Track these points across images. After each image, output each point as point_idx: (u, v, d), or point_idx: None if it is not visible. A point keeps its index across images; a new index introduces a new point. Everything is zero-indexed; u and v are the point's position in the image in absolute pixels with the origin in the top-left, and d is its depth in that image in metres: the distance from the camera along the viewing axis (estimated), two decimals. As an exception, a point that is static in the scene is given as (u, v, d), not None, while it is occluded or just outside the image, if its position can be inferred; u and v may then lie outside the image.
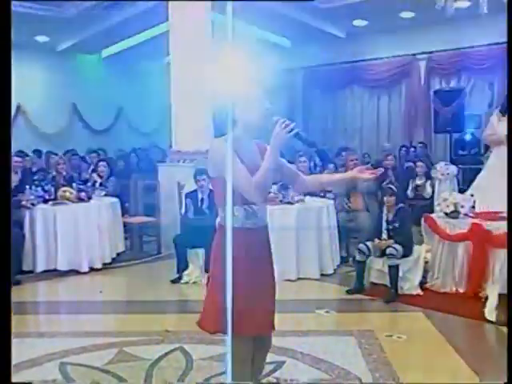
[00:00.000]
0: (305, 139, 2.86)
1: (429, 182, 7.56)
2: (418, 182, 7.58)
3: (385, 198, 5.93)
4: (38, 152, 11.71)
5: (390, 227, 5.84)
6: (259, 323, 2.86)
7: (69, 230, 6.65)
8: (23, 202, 6.64)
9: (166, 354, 4.23)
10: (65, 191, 6.98)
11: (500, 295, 4.91)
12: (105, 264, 6.96)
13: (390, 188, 6.10)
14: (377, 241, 5.83)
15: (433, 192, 7.49)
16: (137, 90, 14.10)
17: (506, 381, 2.87)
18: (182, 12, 7.88)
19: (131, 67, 14.23)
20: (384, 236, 5.86)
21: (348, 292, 5.83)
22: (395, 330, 4.80)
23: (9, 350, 2.48)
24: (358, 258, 5.90)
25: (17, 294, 5.92)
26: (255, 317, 2.83)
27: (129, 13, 10.46)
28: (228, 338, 2.58)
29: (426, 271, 5.90)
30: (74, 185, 7.50)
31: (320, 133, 12.64)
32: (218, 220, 2.94)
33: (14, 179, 7.34)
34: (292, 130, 2.72)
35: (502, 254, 5.33)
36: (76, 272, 6.67)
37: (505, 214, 5.58)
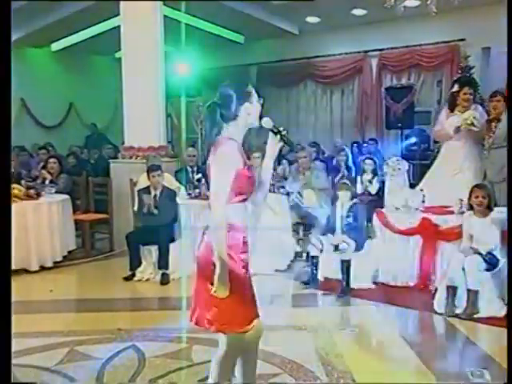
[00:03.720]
0: (290, 142, 2.95)
1: (376, 179, 7.69)
2: (366, 177, 7.70)
3: (339, 193, 5.99)
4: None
5: (344, 222, 5.91)
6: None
7: (17, 228, 6.47)
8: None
9: (119, 352, 4.18)
10: (13, 188, 6.80)
11: (448, 287, 5.03)
12: (56, 262, 6.82)
13: (345, 183, 6.18)
14: (330, 236, 5.89)
15: (380, 188, 7.62)
16: (88, 86, 13.86)
17: (505, 381, 2.93)
18: (133, 6, 7.78)
19: (82, 62, 13.98)
20: (337, 231, 5.92)
21: (302, 284, 5.88)
22: (348, 323, 4.87)
23: (9, 350, 2.48)
24: (311, 252, 5.95)
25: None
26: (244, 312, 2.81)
27: (79, 6, 10.26)
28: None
29: (377, 265, 5.99)
30: (22, 182, 7.34)
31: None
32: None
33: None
34: (281, 134, 2.81)
35: (450, 247, 5.48)
36: (25, 271, 6.52)
37: (452, 209, 5.74)
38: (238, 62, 13.13)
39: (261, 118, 2.81)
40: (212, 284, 2.64)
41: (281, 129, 2.84)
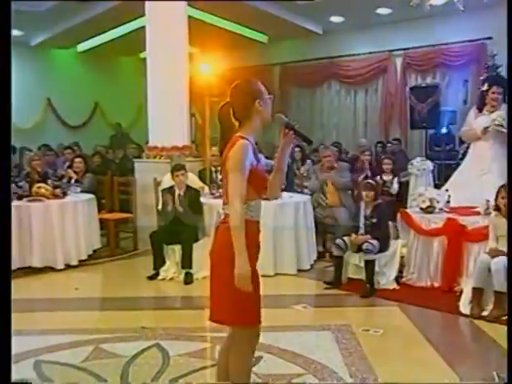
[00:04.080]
0: (304, 137, 2.95)
1: (395, 179, 7.64)
2: (385, 177, 7.64)
3: (363, 193, 5.95)
4: (11, 148, 11.54)
5: (368, 222, 5.88)
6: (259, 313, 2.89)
7: (44, 227, 6.57)
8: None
9: (143, 350, 4.21)
10: (39, 187, 6.89)
11: (474, 289, 4.97)
12: (81, 261, 6.89)
13: (370, 183, 6.14)
14: (354, 236, 5.87)
15: (399, 188, 7.56)
16: (113, 86, 14.00)
17: (506, 381, 2.90)
18: (158, 7, 7.84)
19: (107, 62, 14.12)
20: (361, 231, 5.89)
21: (325, 284, 5.86)
22: (371, 324, 4.84)
23: (9, 349, 2.49)
24: (335, 253, 5.93)
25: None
26: (259, 307, 2.88)
27: (104, 7, 10.36)
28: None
29: (401, 266, 5.96)
30: (49, 181, 7.43)
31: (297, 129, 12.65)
32: (226, 211, 2.80)
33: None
34: (295, 130, 2.83)
35: (477, 248, 5.42)
36: (51, 269, 6.60)
37: (479, 209, 5.67)
38: (262, 62, 13.14)
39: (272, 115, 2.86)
40: (225, 278, 2.68)
41: (294, 123, 2.86)
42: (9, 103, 2.64)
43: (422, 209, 5.99)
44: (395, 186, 7.60)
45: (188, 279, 6.13)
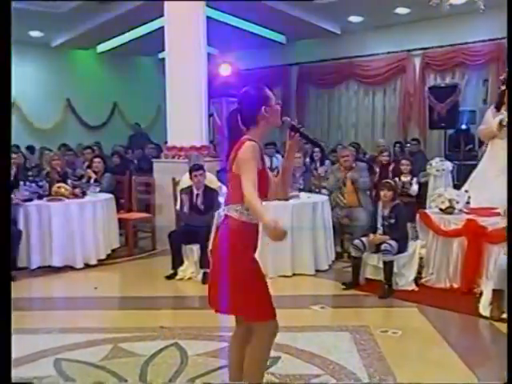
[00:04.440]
0: (310, 139, 3.05)
1: (414, 180, 7.58)
2: (404, 179, 7.59)
3: (382, 193, 5.91)
4: (31, 148, 11.68)
5: (386, 223, 5.85)
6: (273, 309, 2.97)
7: (63, 226, 6.63)
8: (17, 199, 6.59)
9: (161, 350, 4.23)
10: (59, 187, 6.96)
11: (494, 291, 4.92)
12: (99, 260, 6.95)
13: (388, 183, 6.09)
14: (372, 236, 5.84)
15: (419, 189, 7.50)
16: (132, 86, 14.09)
17: (506, 381, 2.88)
18: (177, 7, 7.87)
19: (126, 63, 14.21)
20: (379, 232, 5.87)
21: (343, 285, 5.84)
22: (390, 325, 4.81)
23: (9, 349, 2.49)
24: (353, 253, 5.91)
25: (12, 290, 5.91)
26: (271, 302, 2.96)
27: (124, 8, 10.43)
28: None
29: (420, 267, 5.91)
30: (68, 181, 7.49)
31: (315, 129, 12.65)
32: (226, 213, 2.90)
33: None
34: (300, 132, 2.92)
35: (497, 249, 5.36)
36: (70, 268, 6.66)
37: (499, 210, 5.61)
38: (280, 62, 13.14)
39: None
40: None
41: (299, 126, 2.95)
42: (9, 103, 2.65)
43: (441, 209, 5.93)
44: (415, 187, 7.54)
45: (206, 279, 6.13)
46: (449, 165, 7.56)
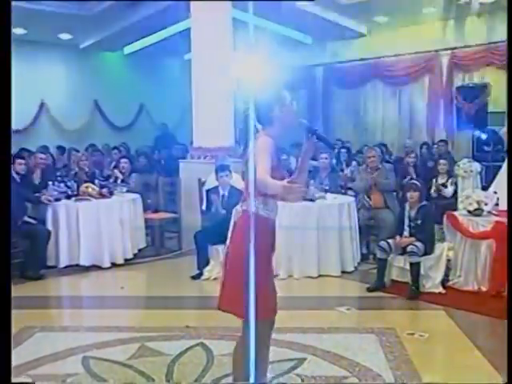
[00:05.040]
0: (326, 140, 3.12)
1: (450, 181, 7.46)
2: (441, 180, 7.46)
3: (408, 194, 5.86)
4: (61, 148, 11.83)
5: (412, 224, 5.80)
6: (274, 307, 3.09)
7: (91, 226, 6.71)
8: (46, 198, 6.70)
9: (187, 349, 4.26)
10: (87, 187, 7.04)
11: (523, 294, 4.85)
12: (126, 260, 7.01)
13: (415, 184, 6.04)
14: (398, 238, 5.80)
15: (455, 190, 7.39)
16: (158, 87, 14.18)
17: (506, 381, 2.85)
18: (203, 9, 7.91)
19: (153, 64, 14.31)
20: (405, 233, 5.82)
21: (368, 289, 5.81)
22: (417, 328, 4.77)
23: (9, 349, 2.51)
24: (378, 255, 5.87)
25: (40, 289, 6.01)
26: (273, 300, 3.08)
27: (151, 10, 10.51)
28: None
29: (448, 269, 5.83)
30: (96, 181, 7.58)
31: (341, 130, 12.60)
32: (245, 208, 3.01)
33: (38, 175, 7.45)
34: (316, 134, 3.00)
35: (526, 252, 5.27)
36: (98, 267, 6.73)
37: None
38: (305, 63, 13.11)
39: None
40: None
41: (315, 128, 3.03)
42: (9, 103, 2.66)
43: (469, 211, 5.86)
44: (450, 189, 7.41)
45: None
46: (477, 166, 7.46)
